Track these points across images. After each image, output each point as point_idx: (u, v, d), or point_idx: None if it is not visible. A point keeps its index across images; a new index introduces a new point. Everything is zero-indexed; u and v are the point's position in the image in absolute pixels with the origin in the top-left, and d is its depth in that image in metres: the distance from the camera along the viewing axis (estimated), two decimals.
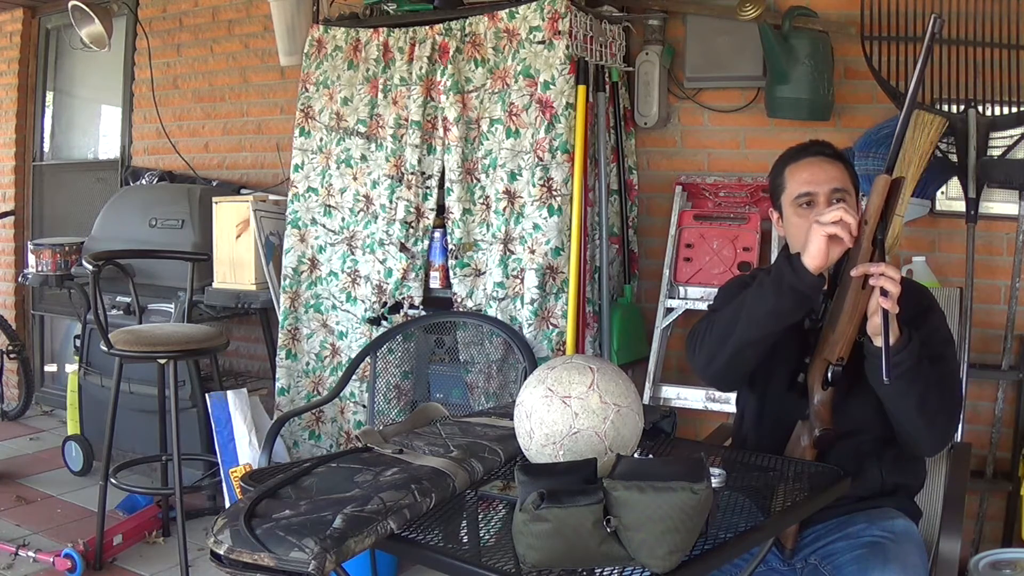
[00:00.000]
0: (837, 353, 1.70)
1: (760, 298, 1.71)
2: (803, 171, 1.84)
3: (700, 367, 1.86)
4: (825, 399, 1.73)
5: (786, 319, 1.71)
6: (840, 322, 1.69)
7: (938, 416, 1.73)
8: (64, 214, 5.05)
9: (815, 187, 1.81)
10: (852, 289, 1.67)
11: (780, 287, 1.68)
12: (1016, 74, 2.60)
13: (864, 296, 1.66)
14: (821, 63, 2.78)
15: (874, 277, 1.62)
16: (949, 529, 1.88)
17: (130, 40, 4.70)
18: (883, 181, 1.67)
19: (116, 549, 3.15)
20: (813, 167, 1.83)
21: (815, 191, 1.81)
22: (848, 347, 1.70)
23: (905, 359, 1.64)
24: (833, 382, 1.71)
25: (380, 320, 3.13)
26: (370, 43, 3.17)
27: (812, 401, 1.75)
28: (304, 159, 3.34)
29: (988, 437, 2.73)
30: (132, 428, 3.63)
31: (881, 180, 1.67)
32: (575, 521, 1.23)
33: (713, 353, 1.80)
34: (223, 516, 1.37)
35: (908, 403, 1.70)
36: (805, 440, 1.77)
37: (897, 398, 1.71)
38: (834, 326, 1.70)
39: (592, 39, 2.90)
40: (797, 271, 1.66)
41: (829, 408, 1.74)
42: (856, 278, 1.65)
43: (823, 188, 1.80)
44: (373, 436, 1.74)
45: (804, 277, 1.65)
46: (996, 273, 2.75)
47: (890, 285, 1.60)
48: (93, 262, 3.07)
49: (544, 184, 2.81)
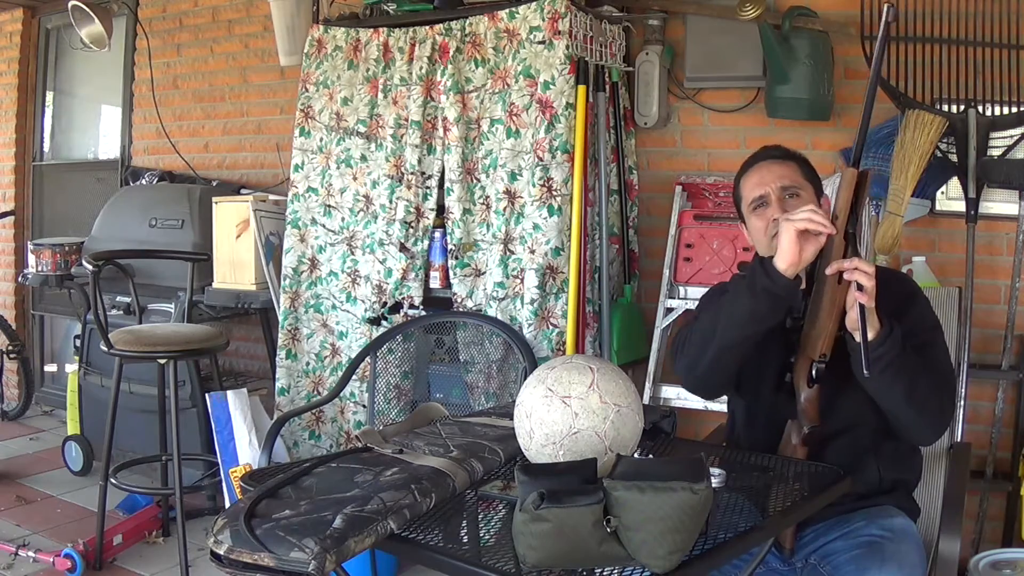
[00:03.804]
0: (819, 350, 1.71)
1: (736, 303, 1.74)
2: (752, 176, 1.89)
3: (682, 373, 1.90)
4: (811, 396, 1.74)
5: (764, 322, 1.73)
6: (819, 319, 1.71)
7: (928, 402, 1.73)
8: (64, 214, 5.05)
9: (764, 188, 1.85)
10: (828, 285, 1.68)
11: (754, 290, 1.70)
12: (1016, 74, 2.60)
13: (841, 291, 1.67)
14: (821, 63, 2.78)
15: (847, 272, 1.63)
16: (948, 529, 1.88)
17: (130, 40, 4.70)
18: (850, 174, 1.69)
19: (116, 549, 3.15)
20: (761, 171, 1.88)
21: (765, 192, 1.85)
22: (830, 343, 1.71)
23: (888, 351, 1.65)
24: (818, 379, 1.72)
25: (380, 320, 3.13)
26: (370, 43, 3.17)
27: (799, 399, 1.75)
28: (304, 159, 3.34)
29: (988, 437, 2.73)
30: (132, 428, 3.63)
31: (848, 173, 1.69)
32: (575, 521, 1.23)
33: (694, 359, 1.83)
34: (223, 516, 1.37)
35: (896, 394, 1.71)
36: (795, 439, 1.78)
37: (884, 390, 1.71)
38: (814, 323, 1.72)
39: (592, 39, 2.90)
40: (770, 274, 1.68)
41: (816, 405, 1.75)
42: (831, 275, 1.67)
43: (772, 187, 1.84)
44: (373, 436, 1.74)
45: (777, 279, 1.68)
46: (996, 273, 2.75)
47: (864, 279, 1.61)
48: (93, 262, 3.06)
49: (544, 184, 2.81)
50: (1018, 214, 2.65)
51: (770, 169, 1.87)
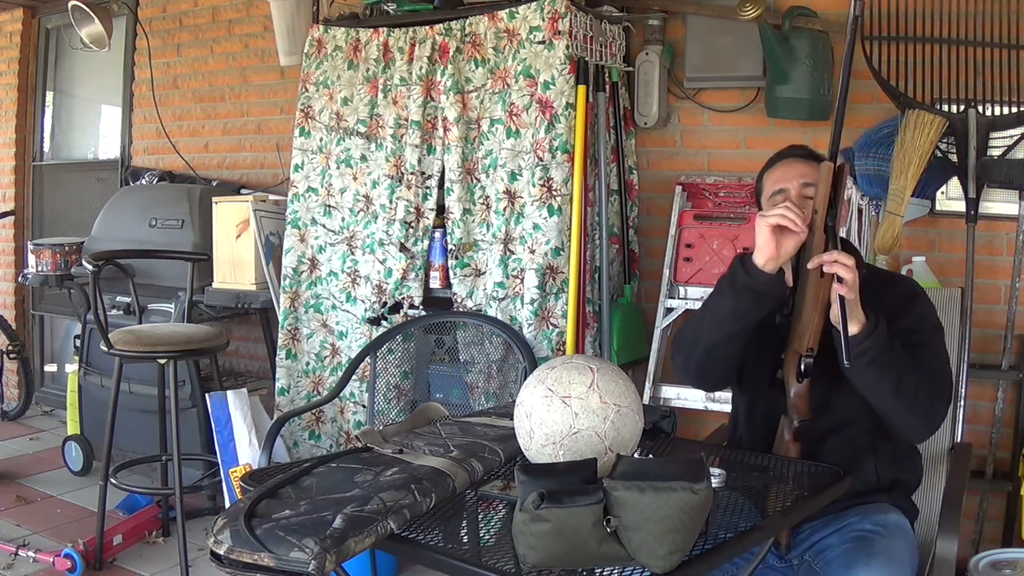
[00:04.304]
0: (806, 344, 1.73)
1: (719, 301, 1.80)
2: (776, 172, 1.93)
3: (678, 370, 1.97)
4: (801, 391, 1.76)
5: (748, 318, 1.76)
6: (804, 313, 1.73)
7: (918, 398, 1.74)
8: (64, 214, 5.05)
9: (785, 183, 1.88)
10: (811, 280, 1.71)
11: (735, 287, 1.75)
12: (1016, 74, 2.60)
13: (824, 285, 1.69)
14: (821, 63, 2.78)
15: (827, 265, 1.66)
16: (946, 529, 1.88)
17: (130, 40, 4.70)
18: (826, 168, 1.72)
19: (116, 549, 3.15)
20: (784, 167, 1.92)
21: (786, 186, 1.88)
22: (816, 337, 1.73)
23: (873, 344, 1.67)
24: (806, 373, 1.74)
25: (380, 320, 3.13)
26: (370, 43, 3.17)
27: (789, 394, 1.78)
28: (304, 159, 3.34)
29: (988, 437, 2.73)
30: (132, 428, 3.63)
31: (824, 167, 1.72)
32: (575, 521, 1.23)
33: (686, 355, 1.90)
34: (223, 516, 1.37)
35: (883, 388, 1.72)
36: (787, 434, 1.80)
37: (871, 385, 1.73)
38: (800, 318, 1.74)
39: (592, 39, 2.90)
40: (749, 270, 1.72)
41: (806, 400, 1.77)
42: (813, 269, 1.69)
43: (793, 183, 1.87)
44: (373, 436, 1.74)
45: (756, 275, 1.72)
46: (996, 273, 2.75)
47: (844, 271, 1.63)
48: (93, 262, 3.06)
49: (544, 184, 2.81)
50: (1018, 214, 2.65)
51: (793, 167, 1.91)
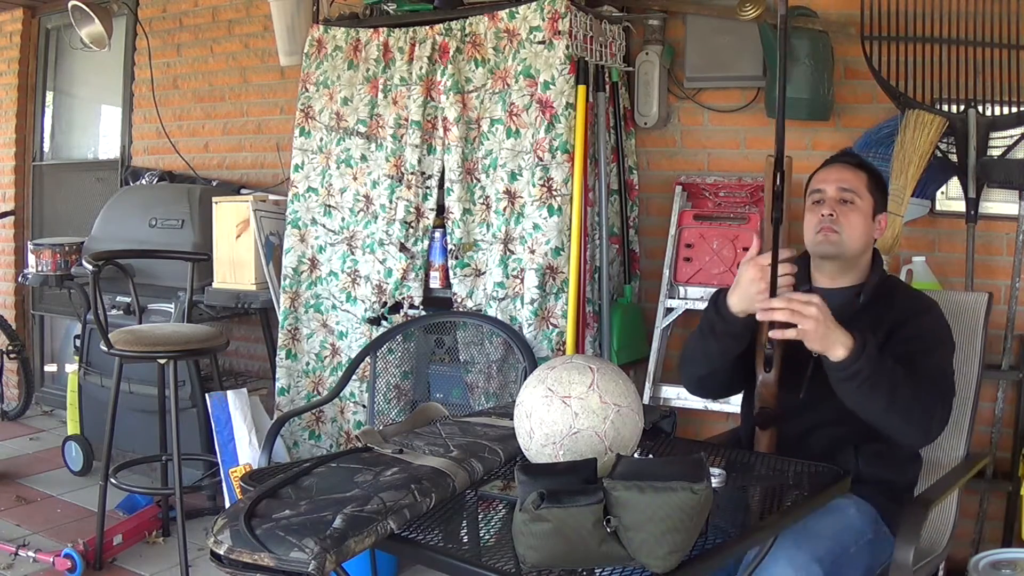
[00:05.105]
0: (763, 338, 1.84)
1: (703, 341, 1.95)
2: (821, 174, 2.04)
3: (684, 386, 2.13)
4: (767, 381, 1.87)
5: (733, 351, 1.90)
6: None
7: (912, 408, 1.76)
8: (64, 214, 5.05)
9: (825, 184, 1.99)
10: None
11: (716, 334, 1.90)
12: (1016, 74, 2.60)
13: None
14: (821, 63, 2.78)
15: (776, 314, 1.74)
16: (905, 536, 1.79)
17: (130, 40, 4.70)
18: (768, 162, 1.80)
19: (116, 549, 3.15)
20: (830, 171, 2.03)
21: (824, 187, 1.99)
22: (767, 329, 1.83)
23: (863, 367, 1.71)
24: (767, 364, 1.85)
25: (380, 320, 3.13)
26: (370, 43, 3.17)
27: (757, 383, 1.88)
28: (304, 159, 3.34)
29: (988, 437, 2.73)
30: (132, 428, 3.63)
31: (767, 162, 1.81)
32: (575, 521, 1.23)
33: (688, 375, 2.07)
34: (223, 516, 1.37)
35: (876, 405, 1.75)
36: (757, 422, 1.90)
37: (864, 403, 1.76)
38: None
39: (592, 39, 2.90)
40: (725, 316, 1.86)
41: (772, 390, 1.86)
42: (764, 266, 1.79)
43: (831, 186, 1.98)
44: (373, 436, 1.74)
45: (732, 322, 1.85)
46: (996, 273, 2.75)
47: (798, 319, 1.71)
48: (93, 262, 3.06)
49: (544, 184, 2.81)
50: (1018, 214, 2.64)
51: (837, 170, 2.01)
